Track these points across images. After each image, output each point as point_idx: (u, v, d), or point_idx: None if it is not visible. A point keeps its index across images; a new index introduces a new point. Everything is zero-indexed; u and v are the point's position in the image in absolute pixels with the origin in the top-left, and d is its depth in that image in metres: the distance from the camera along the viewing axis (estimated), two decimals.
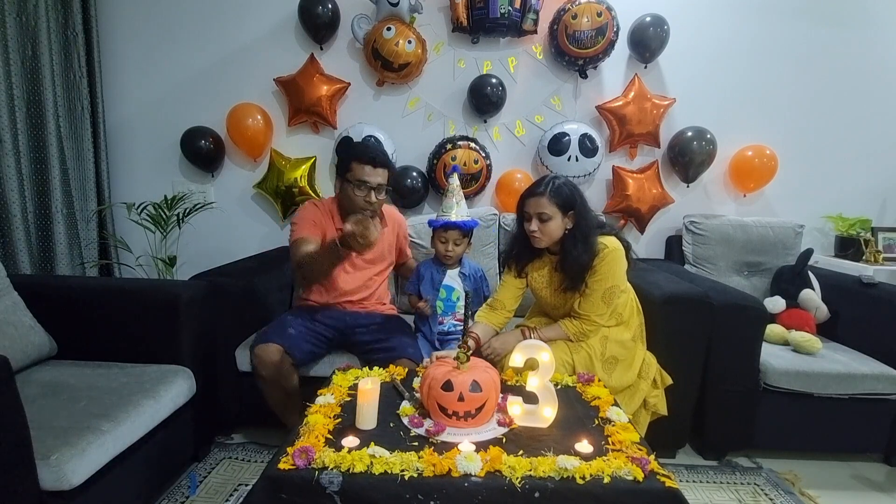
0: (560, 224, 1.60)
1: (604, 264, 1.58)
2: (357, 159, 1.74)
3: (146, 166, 2.60)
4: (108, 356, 1.62)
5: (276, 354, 1.62)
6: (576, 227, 1.60)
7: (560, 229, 1.60)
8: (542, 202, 1.57)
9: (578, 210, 1.59)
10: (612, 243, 1.61)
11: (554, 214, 1.58)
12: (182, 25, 2.48)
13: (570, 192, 1.60)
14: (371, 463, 0.98)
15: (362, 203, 1.75)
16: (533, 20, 2.30)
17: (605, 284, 1.59)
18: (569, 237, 1.60)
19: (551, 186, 1.59)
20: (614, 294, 1.61)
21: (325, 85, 2.39)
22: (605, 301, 1.61)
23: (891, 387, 1.75)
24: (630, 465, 0.98)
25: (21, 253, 2.21)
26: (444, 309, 1.88)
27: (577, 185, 1.66)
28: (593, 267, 1.59)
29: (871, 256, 2.36)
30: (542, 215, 1.58)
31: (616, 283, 1.61)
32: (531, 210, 1.60)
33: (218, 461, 1.79)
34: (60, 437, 1.16)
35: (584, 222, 1.60)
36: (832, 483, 1.79)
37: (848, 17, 2.41)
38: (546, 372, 1.19)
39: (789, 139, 2.48)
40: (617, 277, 1.61)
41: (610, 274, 1.59)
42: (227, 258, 2.21)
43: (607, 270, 1.59)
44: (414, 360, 1.67)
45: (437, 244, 1.86)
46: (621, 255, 1.62)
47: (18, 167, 2.21)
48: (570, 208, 1.59)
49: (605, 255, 1.58)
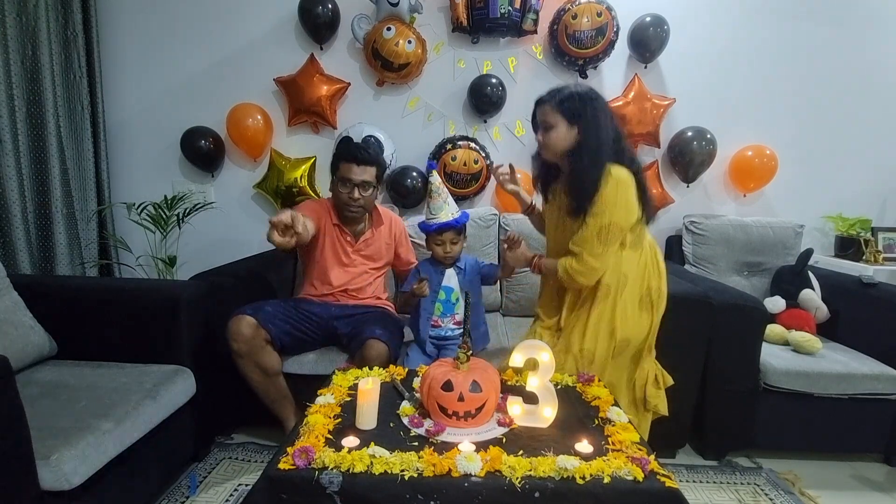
0: (564, 135, 1.47)
1: (603, 194, 1.42)
2: (343, 158, 1.82)
3: (146, 166, 2.60)
4: (108, 356, 1.62)
5: (249, 328, 1.62)
6: (583, 142, 1.46)
7: (564, 141, 1.48)
8: (546, 110, 1.50)
9: (588, 124, 1.45)
10: (619, 174, 1.43)
11: (557, 124, 1.47)
12: (182, 25, 2.48)
13: (581, 103, 1.46)
14: (371, 463, 0.98)
15: (346, 199, 1.82)
16: (533, 20, 2.30)
17: (601, 220, 1.43)
18: (574, 151, 1.48)
19: (559, 95, 1.48)
20: (612, 234, 1.44)
21: (325, 85, 2.39)
22: (601, 240, 1.44)
23: (891, 387, 1.75)
24: (630, 465, 0.98)
25: (21, 253, 2.21)
26: (443, 310, 1.81)
27: (596, 98, 1.48)
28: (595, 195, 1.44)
29: (871, 256, 2.36)
30: (545, 123, 1.51)
31: (615, 222, 1.43)
32: (539, 119, 1.54)
33: (218, 461, 1.79)
34: (60, 437, 1.16)
35: (593, 139, 1.45)
36: (832, 483, 1.79)
37: (848, 17, 2.41)
38: (546, 372, 1.19)
39: (789, 139, 2.48)
40: (617, 215, 1.43)
41: (608, 207, 1.42)
42: (227, 258, 2.21)
43: (605, 202, 1.42)
44: (382, 341, 1.65)
45: (434, 247, 1.79)
46: (626, 191, 1.44)
47: (18, 167, 2.21)
48: (576, 120, 1.46)
49: (606, 181, 1.42)
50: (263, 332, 1.65)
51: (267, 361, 1.67)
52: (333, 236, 1.90)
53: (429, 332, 1.80)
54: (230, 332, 1.62)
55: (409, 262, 2.05)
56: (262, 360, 1.66)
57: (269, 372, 1.69)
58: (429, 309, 1.80)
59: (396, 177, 2.42)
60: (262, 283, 2.04)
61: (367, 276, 1.95)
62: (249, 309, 1.67)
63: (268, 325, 1.66)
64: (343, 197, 1.81)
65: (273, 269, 2.15)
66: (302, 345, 1.79)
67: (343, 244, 1.91)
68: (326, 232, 1.89)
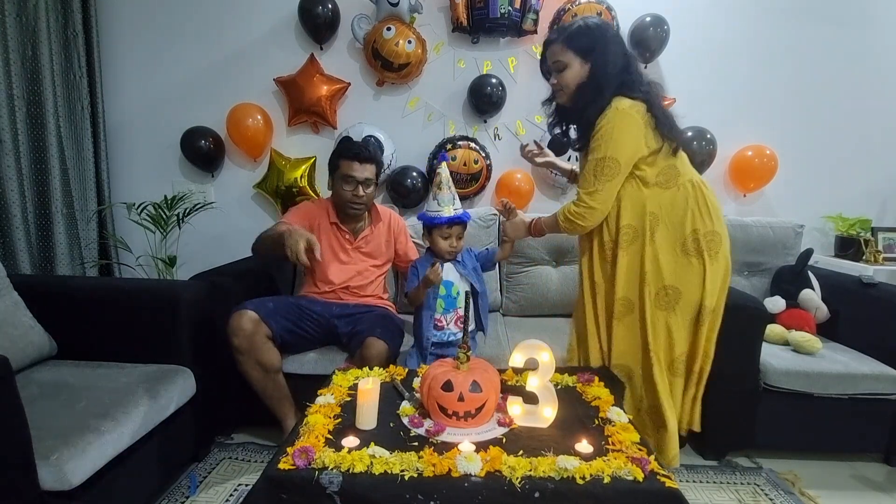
0: (578, 73, 1.38)
1: (600, 126, 1.34)
2: (344, 156, 1.83)
3: (146, 166, 2.60)
4: (108, 356, 1.62)
5: (251, 323, 1.63)
6: (590, 77, 1.37)
7: (579, 79, 1.39)
8: (556, 49, 1.39)
9: (598, 56, 1.35)
10: (623, 106, 1.34)
11: (570, 62, 1.38)
12: (182, 25, 2.48)
13: (592, 35, 1.36)
14: (371, 463, 0.98)
15: (350, 197, 1.84)
16: (533, 20, 2.30)
17: (596, 154, 1.35)
18: (581, 88, 1.39)
19: (568, 31, 1.38)
20: (608, 168, 1.35)
21: (325, 85, 2.39)
22: (596, 175, 1.36)
23: (891, 387, 1.75)
24: (630, 465, 0.98)
25: (21, 253, 2.21)
26: (445, 306, 1.73)
27: (607, 27, 1.40)
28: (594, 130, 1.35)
29: (871, 256, 2.36)
30: (557, 64, 1.40)
31: (611, 155, 1.34)
32: (549, 62, 1.43)
33: (218, 461, 1.79)
34: (60, 437, 1.16)
35: (600, 71, 1.36)
36: (832, 483, 1.79)
37: (848, 17, 2.41)
38: (546, 372, 1.19)
39: (789, 139, 2.48)
40: (613, 148, 1.34)
41: (603, 140, 1.34)
42: (227, 258, 2.21)
43: (601, 135, 1.34)
44: (382, 340, 1.65)
45: (439, 241, 1.71)
46: (624, 121, 1.33)
47: (18, 167, 2.21)
48: (589, 54, 1.36)
49: (605, 114, 1.34)
50: (265, 328, 1.65)
51: (267, 358, 1.67)
52: (331, 235, 1.91)
53: (432, 337, 1.73)
54: (231, 326, 1.62)
55: (410, 258, 2.05)
56: (263, 357, 1.66)
57: (269, 369, 1.69)
58: (431, 307, 1.74)
59: (396, 177, 2.42)
60: (262, 282, 2.04)
61: (367, 273, 1.96)
62: (251, 304, 1.68)
63: (269, 320, 1.66)
64: (346, 195, 1.83)
65: (273, 269, 2.15)
66: (302, 342, 1.79)
67: (342, 242, 1.92)
68: (323, 231, 1.90)
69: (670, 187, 1.41)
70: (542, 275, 2.28)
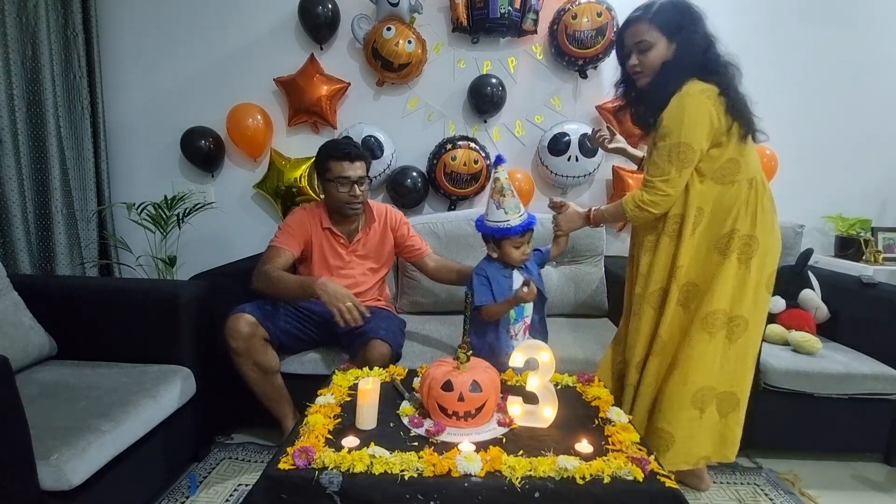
0: (664, 53, 1.33)
1: (669, 111, 1.30)
2: (333, 157, 1.77)
3: (146, 166, 2.60)
4: (108, 356, 1.62)
5: (248, 326, 1.61)
6: (673, 57, 1.32)
7: (662, 60, 1.34)
8: (641, 29, 1.34)
9: (684, 35, 1.31)
10: (693, 90, 1.30)
11: (656, 41, 1.32)
12: (182, 25, 2.48)
13: (680, 12, 1.32)
14: (371, 463, 0.98)
15: (347, 198, 1.79)
16: (533, 20, 2.30)
17: (669, 139, 1.30)
18: (661, 69, 1.34)
19: (654, 8, 1.32)
20: (686, 156, 1.29)
21: (325, 85, 2.39)
22: (671, 160, 1.30)
23: (891, 387, 1.75)
24: (630, 465, 0.98)
25: (21, 253, 2.21)
26: (516, 317, 1.61)
27: (694, 5, 1.34)
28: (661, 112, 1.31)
29: (871, 256, 2.36)
30: (641, 44, 1.34)
31: (685, 141, 1.29)
32: (630, 42, 1.37)
33: (218, 461, 1.79)
34: (60, 437, 1.16)
35: (685, 52, 1.31)
36: (832, 483, 1.79)
37: (848, 18, 2.41)
38: (546, 372, 1.19)
39: (789, 139, 2.48)
40: (687, 134, 1.29)
41: (675, 126, 1.29)
42: (227, 258, 2.21)
43: (671, 121, 1.29)
44: (386, 341, 1.64)
45: (512, 251, 1.56)
46: (694, 104, 1.29)
47: (18, 167, 2.21)
48: (676, 33, 1.31)
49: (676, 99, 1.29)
50: (262, 330, 1.65)
51: (265, 360, 1.66)
52: (325, 242, 1.87)
53: (509, 349, 1.54)
54: (228, 329, 1.61)
55: (415, 247, 1.97)
56: (260, 359, 1.65)
57: (267, 370, 1.68)
58: (507, 320, 1.60)
59: (397, 177, 2.42)
60: None
61: (365, 277, 1.93)
62: (248, 307, 1.67)
63: (266, 322, 1.65)
64: (343, 196, 1.79)
65: None
66: (301, 344, 1.78)
67: (336, 248, 1.88)
68: (316, 239, 1.86)
69: (725, 183, 1.37)
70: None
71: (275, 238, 1.82)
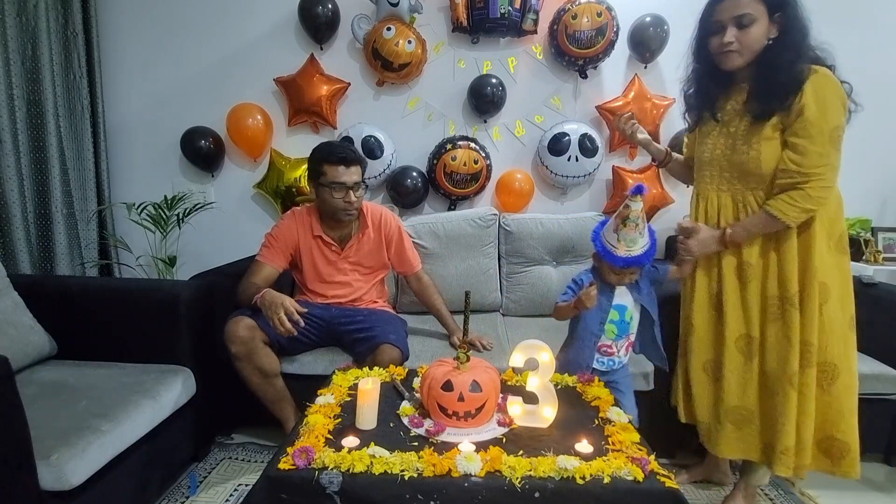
0: (765, 31, 1.25)
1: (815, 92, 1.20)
2: (328, 161, 1.72)
3: (146, 166, 2.60)
4: (108, 356, 1.63)
5: (247, 330, 1.61)
6: (784, 34, 1.24)
7: (763, 38, 1.26)
8: (743, 1, 1.24)
9: (790, 13, 1.24)
10: (829, 73, 1.25)
11: (759, 16, 1.24)
12: (182, 25, 2.48)
13: None
14: (371, 463, 0.98)
15: (342, 205, 1.74)
16: (533, 20, 2.30)
17: (826, 123, 1.20)
18: (770, 48, 1.25)
19: None
20: (839, 140, 1.22)
21: (325, 85, 2.39)
22: (836, 146, 1.21)
23: (891, 387, 1.75)
24: (630, 465, 0.98)
25: (21, 253, 2.21)
26: (618, 333, 1.48)
27: None
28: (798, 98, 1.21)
29: (871, 256, 2.36)
30: (743, 18, 1.24)
31: (840, 125, 1.22)
32: (726, 15, 1.27)
33: (218, 461, 1.79)
34: (60, 437, 1.16)
35: (796, 31, 1.24)
36: (832, 483, 1.78)
37: (848, 18, 2.41)
38: (546, 372, 1.19)
39: None
40: (836, 117, 1.22)
41: (826, 109, 1.20)
42: (227, 258, 2.21)
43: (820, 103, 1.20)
44: (397, 347, 1.63)
45: (610, 274, 1.47)
46: (843, 94, 1.24)
47: (18, 167, 2.21)
48: (778, 9, 1.25)
49: (816, 79, 1.21)
50: (261, 334, 1.64)
51: (265, 363, 1.66)
52: (316, 250, 1.84)
53: (596, 364, 1.50)
54: (227, 334, 1.61)
55: (403, 262, 1.94)
56: (260, 362, 1.65)
57: (268, 373, 1.68)
58: (596, 332, 1.48)
59: (397, 177, 2.42)
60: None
61: (360, 282, 1.91)
62: (248, 310, 1.66)
63: (266, 326, 1.64)
64: (338, 203, 1.73)
65: None
66: (301, 346, 1.78)
67: (327, 255, 1.85)
68: (305, 248, 1.82)
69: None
70: (542, 275, 2.28)
71: (259, 252, 1.80)
